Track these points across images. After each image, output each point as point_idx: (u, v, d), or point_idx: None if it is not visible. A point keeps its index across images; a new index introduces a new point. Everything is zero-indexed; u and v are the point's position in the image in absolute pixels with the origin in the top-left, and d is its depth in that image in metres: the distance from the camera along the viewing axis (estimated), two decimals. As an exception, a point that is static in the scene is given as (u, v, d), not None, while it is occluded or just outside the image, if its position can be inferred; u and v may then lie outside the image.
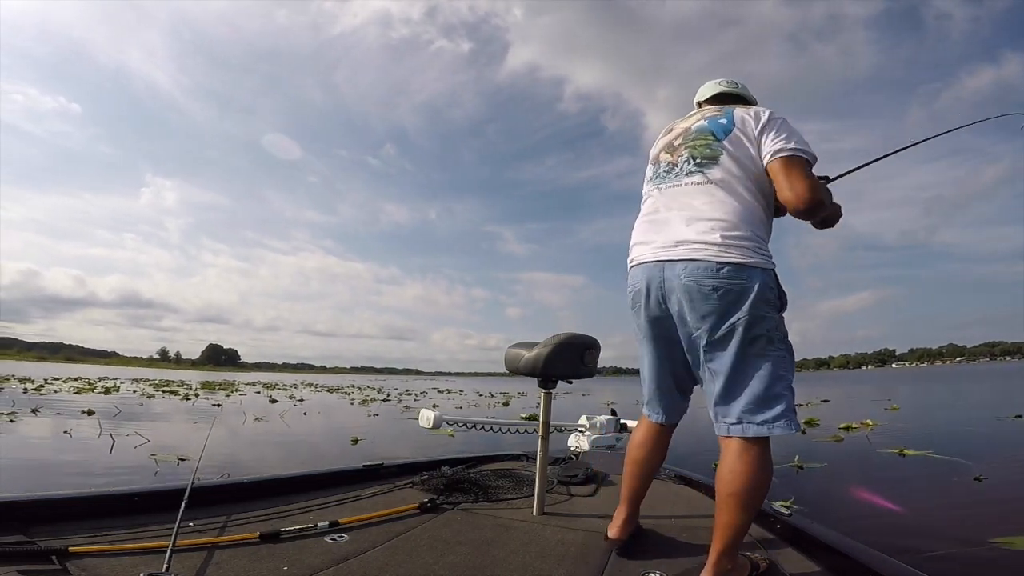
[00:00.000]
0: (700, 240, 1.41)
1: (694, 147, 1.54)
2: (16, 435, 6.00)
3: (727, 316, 1.38)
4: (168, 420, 8.33)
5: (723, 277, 1.37)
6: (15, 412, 7.94)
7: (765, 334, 1.39)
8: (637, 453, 1.75)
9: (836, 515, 3.22)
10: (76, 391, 14.76)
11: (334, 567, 1.52)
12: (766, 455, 1.40)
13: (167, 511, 1.70)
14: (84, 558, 1.42)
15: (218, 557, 1.53)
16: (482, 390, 25.75)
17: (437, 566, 1.56)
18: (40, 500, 1.73)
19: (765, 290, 1.39)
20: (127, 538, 1.59)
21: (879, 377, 57.47)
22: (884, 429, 7.29)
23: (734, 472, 1.38)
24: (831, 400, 14.27)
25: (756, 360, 1.39)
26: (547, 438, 2.18)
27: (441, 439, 6.43)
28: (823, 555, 1.70)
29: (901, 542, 2.62)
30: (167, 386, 20.11)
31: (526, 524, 2.02)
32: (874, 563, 1.51)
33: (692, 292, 1.41)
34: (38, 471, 4.19)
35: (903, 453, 5.18)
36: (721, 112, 1.59)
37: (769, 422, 1.36)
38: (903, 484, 4.07)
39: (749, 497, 1.36)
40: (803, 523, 1.92)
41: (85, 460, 4.72)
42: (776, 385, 1.38)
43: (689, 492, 2.62)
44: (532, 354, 2.15)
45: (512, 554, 1.68)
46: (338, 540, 1.73)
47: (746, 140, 1.50)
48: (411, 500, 2.21)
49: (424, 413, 2.69)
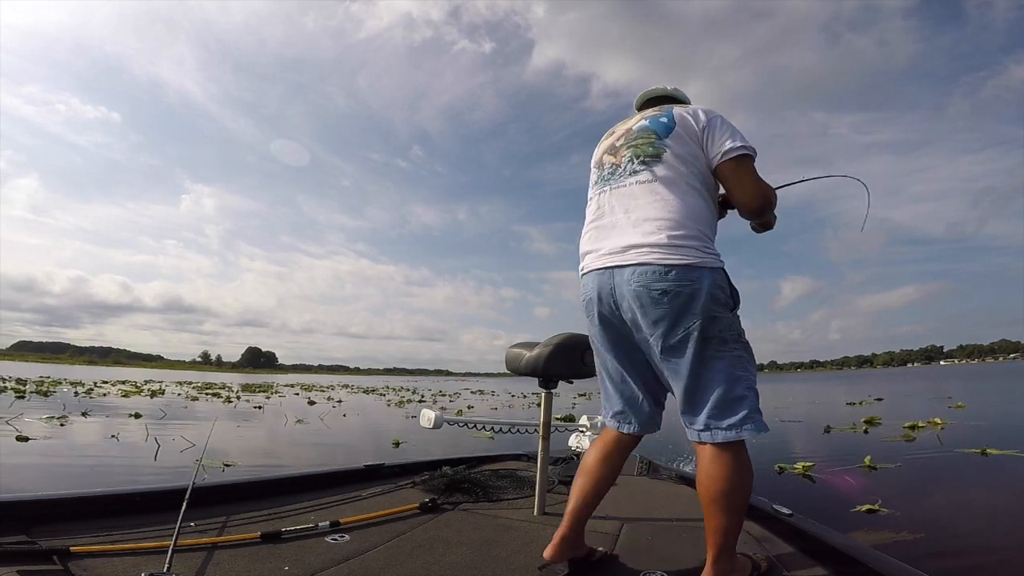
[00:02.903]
0: (647, 243, 1.40)
1: (636, 146, 1.52)
2: (66, 439, 6.06)
3: (680, 320, 1.36)
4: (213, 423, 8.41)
5: (672, 280, 1.35)
6: (66, 415, 8.12)
7: (718, 335, 1.37)
8: (597, 468, 1.60)
9: (939, 519, 2.93)
10: (124, 394, 15.19)
11: (335, 567, 1.52)
12: (741, 456, 1.38)
13: (168, 511, 1.71)
14: (86, 558, 1.42)
15: (219, 557, 1.54)
16: (513, 391, 25.59)
17: (438, 566, 1.57)
18: (42, 500, 1.76)
19: (715, 290, 1.37)
20: (128, 538, 1.60)
21: (928, 375, 55.22)
22: (955, 428, 7.02)
23: (712, 477, 1.36)
24: (885, 399, 13.84)
25: (713, 362, 1.38)
26: (548, 438, 2.18)
27: (482, 441, 6.28)
28: (823, 555, 1.70)
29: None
30: (210, 388, 20.60)
31: (527, 524, 2.03)
32: (874, 563, 1.52)
33: (642, 297, 1.38)
34: (83, 477, 4.18)
35: (985, 452, 4.90)
36: (661, 111, 1.57)
37: (736, 426, 1.35)
38: (1007, 486, 3.74)
39: (731, 499, 1.35)
40: (803, 523, 1.95)
41: (131, 464, 4.71)
42: (736, 387, 1.37)
43: (690, 492, 2.60)
44: (533, 354, 2.15)
45: (513, 554, 1.69)
46: (339, 540, 1.74)
47: (688, 137, 1.48)
48: (412, 500, 2.22)
49: (425, 413, 2.69)
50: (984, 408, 10.24)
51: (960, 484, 3.75)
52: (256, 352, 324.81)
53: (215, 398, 15.29)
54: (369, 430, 8.62)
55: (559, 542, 1.52)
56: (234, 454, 5.22)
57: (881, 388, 20.95)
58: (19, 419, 7.29)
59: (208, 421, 8.87)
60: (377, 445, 6.67)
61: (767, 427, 1.39)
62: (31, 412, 8.38)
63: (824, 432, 7.27)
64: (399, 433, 7.29)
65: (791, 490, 3.86)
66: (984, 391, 16.91)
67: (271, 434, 7.64)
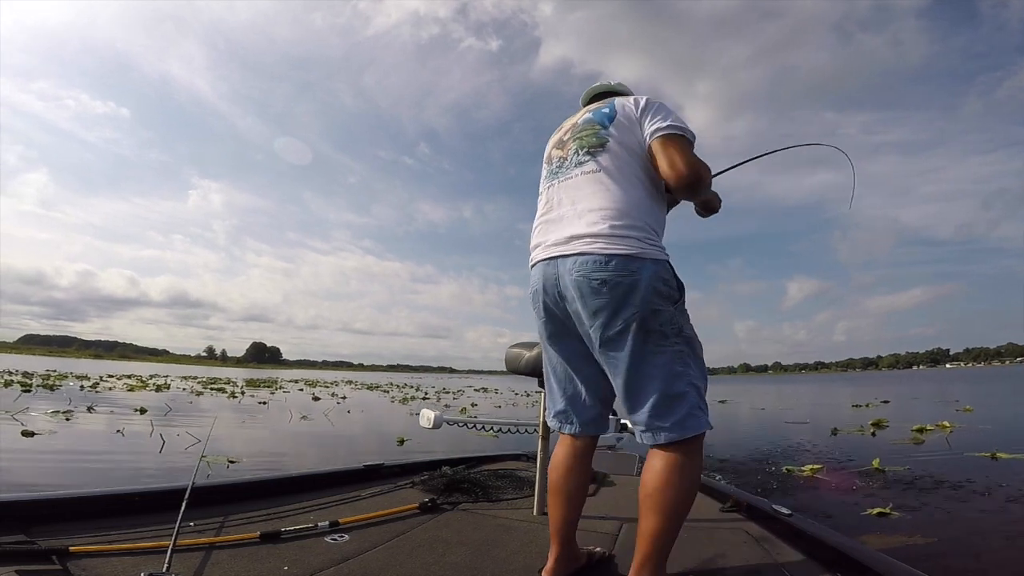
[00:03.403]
0: (589, 232, 1.39)
1: (581, 138, 1.54)
2: (71, 434, 6.06)
3: (619, 311, 1.34)
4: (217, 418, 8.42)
5: (612, 269, 1.33)
6: (72, 410, 8.14)
7: (659, 328, 1.34)
8: (565, 479, 1.54)
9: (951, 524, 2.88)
10: (129, 388, 15.25)
11: (335, 567, 1.52)
12: (689, 457, 1.33)
13: (167, 511, 1.70)
14: (84, 558, 1.42)
15: (218, 557, 1.54)
16: (517, 389, 25.59)
17: (437, 566, 1.57)
18: (41, 500, 1.76)
19: (657, 282, 1.34)
20: (128, 538, 1.59)
21: (934, 377, 54.97)
22: (964, 431, 6.98)
23: (652, 474, 1.33)
24: (891, 401, 13.76)
25: (653, 357, 1.34)
26: (547, 438, 2.15)
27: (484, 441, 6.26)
28: (823, 555, 1.70)
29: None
30: (214, 384, 20.63)
31: (526, 524, 2.02)
32: (874, 563, 1.51)
33: (583, 287, 1.37)
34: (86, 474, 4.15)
35: (995, 456, 4.87)
36: (604, 104, 1.59)
37: (678, 424, 1.32)
38: (1020, 490, 3.69)
39: (668, 502, 1.29)
40: (803, 523, 1.93)
41: (135, 461, 4.71)
42: (677, 383, 1.34)
43: None
44: (533, 354, 2.12)
45: (513, 554, 1.69)
46: (339, 540, 1.74)
47: (630, 125, 1.49)
48: (411, 500, 2.23)
49: (425, 413, 2.68)
50: (992, 412, 10.16)
51: (971, 488, 3.70)
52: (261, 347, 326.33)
53: (220, 393, 15.32)
54: (373, 427, 8.62)
55: (553, 564, 1.49)
56: (238, 451, 5.21)
57: (887, 391, 20.84)
58: (25, 413, 7.32)
59: (213, 416, 8.88)
60: (382, 443, 6.67)
61: (711, 425, 1.36)
62: (37, 406, 8.41)
63: (831, 434, 7.24)
64: (403, 431, 7.27)
65: (799, 492, 3.83)
66: (992, 394, 16.81)
67: (275, 431, 7.64)
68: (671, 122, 1.43)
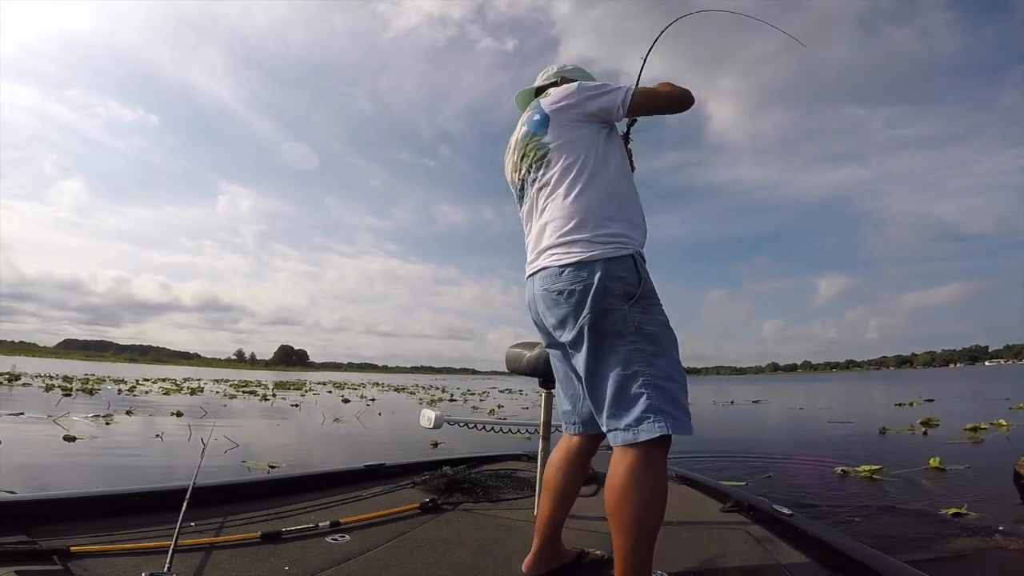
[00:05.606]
0: (546, 246, 1.43)
1: (525, 155, 1.55)
2: (111, 438, 6.14)
3: (575, 318, 1.35)
4: (252, 421, 8.52)
5: (566, 280, 1.36)
6: (111, 414, 8.32)
7: (611, 328, 1.31)
8: (556, 476, 1.56)
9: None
10: (165, 392, 15.60)
11: (335, 567, 1.52)
12: (648, 464, 1.24)
13: (168, 511, 1.70)
14: (86, 558, 1.43)
15: (219, 557, 1.55)
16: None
17: (438, 566, 1.58)
18: (42, 500, 1.77)
19: (609, 281, 1.32)
20: (129, 538, 1.60)
21: (973, 375, 53.02)
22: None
23: (611, 487, 1.26)
24: (936, 400, 13.24)
25: (607, 357, 1.33)
26: (548, 438, 2.15)
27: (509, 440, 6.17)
28: (823, 555, 1.70)
29: None
30: (246, 386, 21.02)
31: (527, 524, 2.01)
32: (874, 563, 1.50)
33: (546, 300, 1.42)
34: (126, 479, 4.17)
35: None
36: (533, 110, 1.57)
37: (632, 426, 1.25)
38: None
39: (630, 520, 1.23)
40: (803, 523, 1.94)
41: (176, 465, 4.72)
42: (631, 384, 1.28)
43: (691, 492, 2.60)
44: (533, 354, 2.11)
45: (513, 554, 1.67)
46: (339, 540, 1.74)
47: (564, 119, 1.47)
48: (412, 500, 2.23)
49: (425, 413, 2.67)
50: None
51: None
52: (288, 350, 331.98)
53: (252, 396, 15.58)
54: (404, 430, 8.59)
55: (532, 559, 1.54)
56: (275, 454, 5.22)
57: (926, 389, 20.21)
58: (66, 417, 7.47)
59: (248, 419, 8.99)
60: (415, 445, 6.61)
61: (684, 429, 1.25)
62: (77, 410, 8.60)
63: (880, 433, 6.99)
64: (435, 433, 7.22)
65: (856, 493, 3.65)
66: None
67: (310, 433, 7.68)
68: (613, 96, 1.44)
